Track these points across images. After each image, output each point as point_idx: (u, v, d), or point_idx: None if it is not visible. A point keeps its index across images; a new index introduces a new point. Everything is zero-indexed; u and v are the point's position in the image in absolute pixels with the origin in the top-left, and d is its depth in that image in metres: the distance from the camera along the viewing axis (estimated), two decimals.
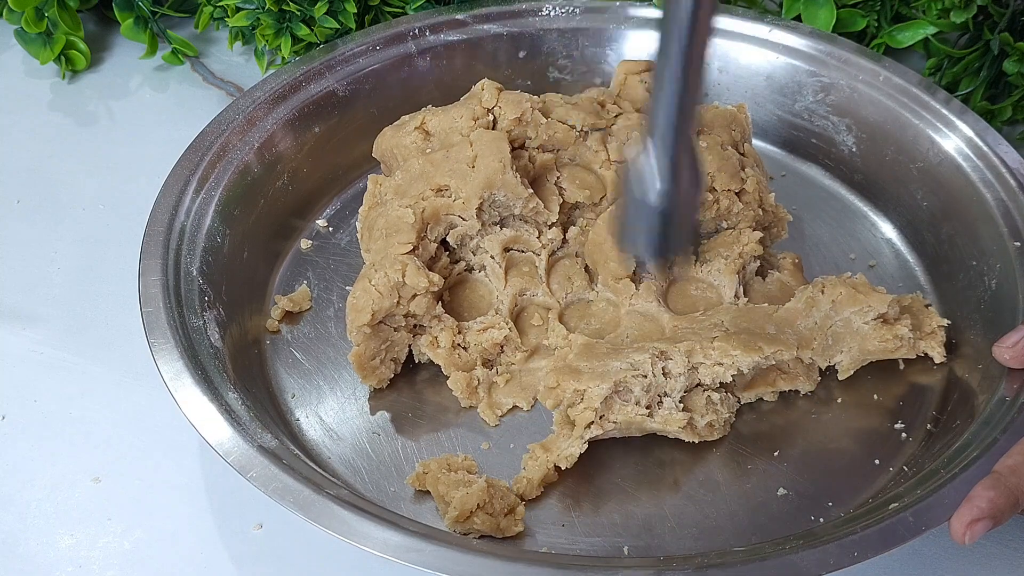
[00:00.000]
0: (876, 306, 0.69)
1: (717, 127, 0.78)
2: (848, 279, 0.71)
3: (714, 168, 0.74)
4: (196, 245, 0.72)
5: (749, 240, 0.74)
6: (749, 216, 0.75)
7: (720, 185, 0.74)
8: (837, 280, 0.70)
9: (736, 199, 0.74)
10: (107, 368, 0.75)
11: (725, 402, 0.69)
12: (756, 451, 0.69)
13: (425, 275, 0.69)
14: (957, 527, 0.58)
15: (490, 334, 0.71)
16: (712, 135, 0.77)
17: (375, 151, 0.79)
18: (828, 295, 0.70)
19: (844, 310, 0.69)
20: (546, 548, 0.63)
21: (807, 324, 0.70)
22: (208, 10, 0.95)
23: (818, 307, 0.70)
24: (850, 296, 0.69)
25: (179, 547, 0.65)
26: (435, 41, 0.87)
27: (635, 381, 0.65)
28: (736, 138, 0.78)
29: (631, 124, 0.77)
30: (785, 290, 0.74)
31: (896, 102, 0.82)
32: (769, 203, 0.76)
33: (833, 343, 0.70)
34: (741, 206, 0.75)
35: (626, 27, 0.88)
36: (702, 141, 0.76)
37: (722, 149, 0.76)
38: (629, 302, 0.73)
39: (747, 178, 0.75)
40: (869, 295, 0.70)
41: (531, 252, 0.75)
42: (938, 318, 0.71)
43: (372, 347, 0.69)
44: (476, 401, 0.71)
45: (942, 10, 0.88)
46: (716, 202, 0.74)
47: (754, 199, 0.75)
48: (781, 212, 0.77)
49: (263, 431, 0.63)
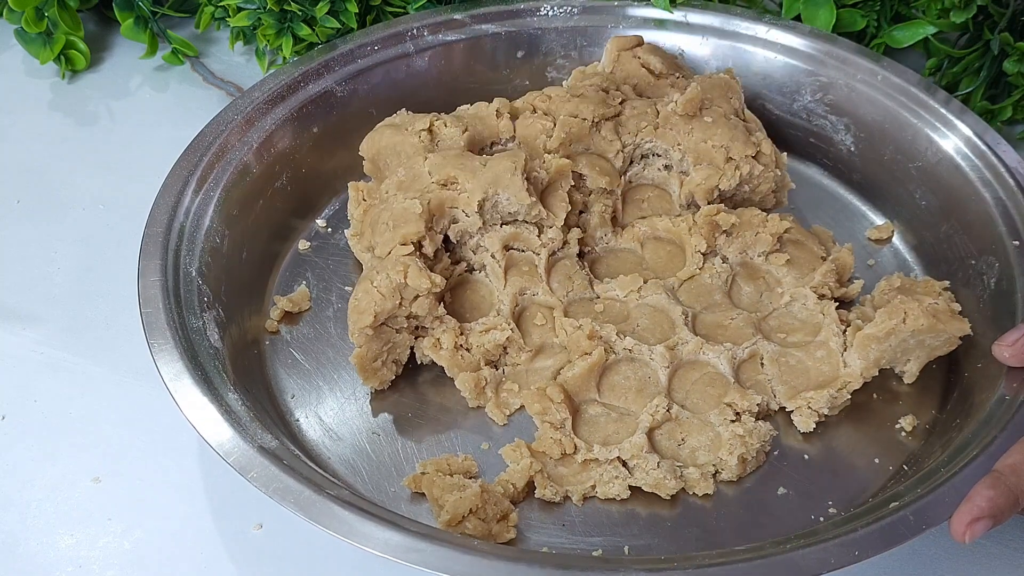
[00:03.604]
0: (955, 333, 0.69)
1: (716, 98, 0.79)
2: (930, 306, 0.68)
3: (727, 139, 0.76)
4: (195, 246, 0.72)
5: (775, 224, 0.75)
6: (769, 177, 0.77)
7: (737, 153, 0.76)
8: (920, 310, 0.68)
9: (755, 162, 0.76)
10: (107, 368, 0.75)
11: (756, 432, 0.68)
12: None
13: (427, 276, 0.69)
14: (957, 526, 0.58)
15: (492, 335, 0.71)
16: (714, 107, 0.78)
17: (366, 149, 0.78)
18: (910, 325, 0.68)
19: (923, 335, 0.69)
20: (546, 548, 0.64)
21: (881, 348, 0.69)
22: (209, 10, 0.95)
23: (896, 334, 0.68)
24: (931, 326, 0.68)
25: (179, 547, 0.65)
26: (433, 41, 0.87)
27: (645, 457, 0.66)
28: (736, 106, 0.80)
29: (638, 112, 0.79)
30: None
31: (895, 102, 0.82)
32: (783, 162, 0.78)
33: (901, 355, 0.70)
34: (761, 168, 0.76)
35: (624, 27, 0.88)
36: (707, 116, 0.77)
37: (727, 119, 0.78)
38: (639, 295, 0.73)
39: (759, 142, 0.77)
40: (949, 324, 0.68)
41: (531, 251, 0.75)
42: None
43: (374, 349, 0.69)
44: (484, 401, 0.71)
45: (942, 10, 0.88)
46: (737, 168, 0.76)
47: (771, 160, 0.77)
48: (786, 179, 0.79)
49: (263, 431, 0.63)
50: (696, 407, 0.69)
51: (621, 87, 0.81)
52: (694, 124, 0.78)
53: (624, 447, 0.66)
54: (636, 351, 0.71)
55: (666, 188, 0.80)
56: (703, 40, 0.88)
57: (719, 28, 0.87)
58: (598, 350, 0.69)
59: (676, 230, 0.76)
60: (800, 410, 0.69)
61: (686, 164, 0.79)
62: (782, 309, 0.74)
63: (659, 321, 0.73)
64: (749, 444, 0.66)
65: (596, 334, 0.70)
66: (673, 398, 0.69)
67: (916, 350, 0.70)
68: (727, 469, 0.66)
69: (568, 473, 0.67)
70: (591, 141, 0.78)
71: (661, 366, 0.70)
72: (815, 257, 0.76)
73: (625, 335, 0.71)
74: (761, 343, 0.71)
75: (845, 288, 0.75)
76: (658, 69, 0.83)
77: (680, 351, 0.71)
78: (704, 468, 0.66)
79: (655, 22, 0.88)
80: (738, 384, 0.70)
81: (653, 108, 0.79)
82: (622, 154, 0.79)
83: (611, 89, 0.80)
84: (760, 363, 0.71)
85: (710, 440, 0.67)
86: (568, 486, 0.66)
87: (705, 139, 0.77)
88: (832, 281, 0.74)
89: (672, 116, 0.79)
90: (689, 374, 0.71)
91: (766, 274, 0.76)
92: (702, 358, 0.71)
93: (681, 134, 0.78)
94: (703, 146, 0.77)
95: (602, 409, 0.69)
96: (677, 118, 0.78)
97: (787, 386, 0.70)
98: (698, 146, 0.77)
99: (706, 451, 0.67)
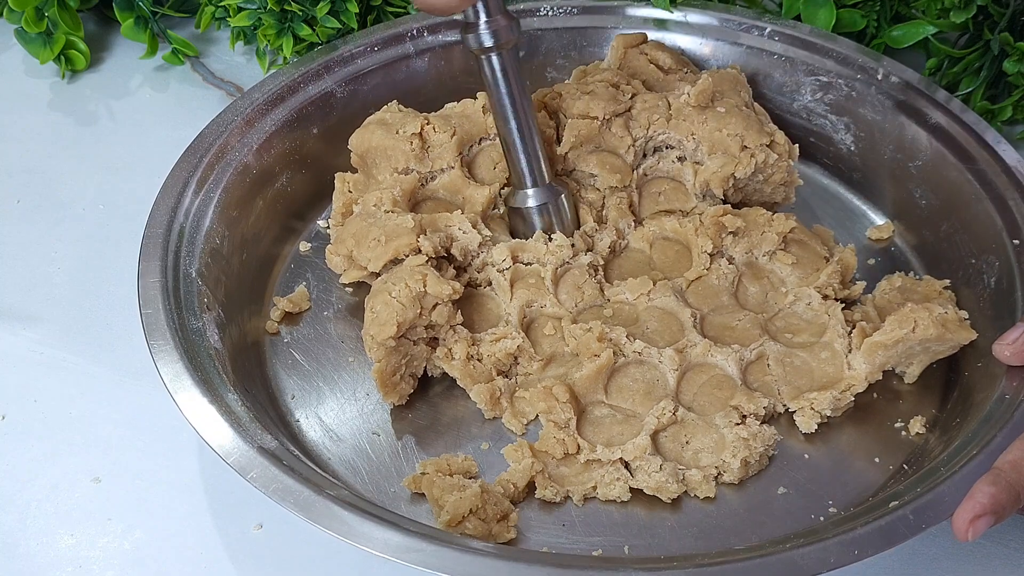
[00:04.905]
0: (962, 341, 0.69)
1: (727, 90, 0.80)
2: (941, 316, 0.68)
3: (742, 127, 0.77)
4: (195, 246, 0.72)
5: (780, 223, 0.75)
6: (783, 167, 0.77)
7: (752, 142, 0.76)
8: (930, 320, 0.67)
9: (769, 151, 0.77)
10: (107, 368, 0.75)
11: (760, 435, 0.68)
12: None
13: (447, 283, 0.68)
14: (959, 524, 0.58)
15: (503, 344, 0.71)
16: (726, 99, 0.79)
17: (356, 144, 0.78)
18: (919, 334, 0.68)
19: (930, 343, 0.69)
20: (546, 548, 0.63)
21: (887, 354, 0.69)
22: (210, 10, 0.95)
23: (905, 342, 0.68)
24: (940, 336, 0.68)
25: (179, 547, 0.65)
26: (433, 42, 0.87)
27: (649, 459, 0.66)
28: (745, 99, 0.80)
29: (649, 105, 0.79)
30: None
31: (895, 101, 0.82)
32: (795, 154, 0.78)
33: (906, 359, 0.70)
34: (776, 156, 0.77)
35: (624, 27, 0.88)
36: (719, 107, 0.77)
37: (739, 109, 0.78)
38: (648, 297, 0.73)
39: (773, 132, 0.78)
40: (957, 333, 0.68)
41: (537, 264, 0.75)
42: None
43: (393, 362, 0.68)
44: (500, 412, 0.70)
45: (942, 10, 0.88)
46: (752, 156, 0.76)
47: (784, 149, 0.77)
48: (795, 174, 0.79)
49: (263, 432, 0.63)
50: (703, 409, 0.69)
51: (631, 82, 0.81)
52: (708, 114, 0.78)
53: (627, 448, 0.66)
54: (646, 354, 0.70)
55: (681, 180, 0.80)
56: (703, 40, 0.88)
57: (719, 28, 0.87)
58: (607, 352, 0.69)
59: (683, 231, 0.76)
60: (803, 411, 0.69)
61: (700, 154, 0.78)
62: (787, 309, 0.74)
63: (668, 323, 0.73)
64: (753, 447, 0.66)
65: (606, 336, 0.70)
66: (680, 400, 0.69)
67: (921, 355, 0.70)
68: (729, 472, 0.66)
69: (570, 473, 0.67)
70: (601, 139, 0.78)
71: (670, 369, 0.70)
72: (819, 257, 0.76)
73: (635, 338, 0.71)
74: (768, 344, 0.71)
75: (848, 289, 0.75)
76: (667, 65, 0.83)
77: (689, 354, 0.70)
78: (707, 470, 0.66)
79: (655, 22, 0.88)
80: (745, 386, 0.70)
81: (665, 101, 0.79)
82: (633, 148, 0.79)
83: (621, 84, 0.80)
84: (767, 364, 0.71)
85: (714, 442, 0.67)
86: (569, 486, 0.66)
87: (720, 128, 0.77)
88: (836, 282, 0.74)
89: (685, 107, 0.78)
90: (697, 376, 0.70)
91: (770, 274, 0.76)
92: (710, 360, 0.71)
93: (695, 124, 0.78)
94: (718, 135, 0.77)
95: (608, 410, 0.69)
96: (690, 109, 0.78)
97: (791, 386, 0.70)
98: (712, 135, 0.77)
99: (709, 453, 0.67)
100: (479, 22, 0.68)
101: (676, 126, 0.78)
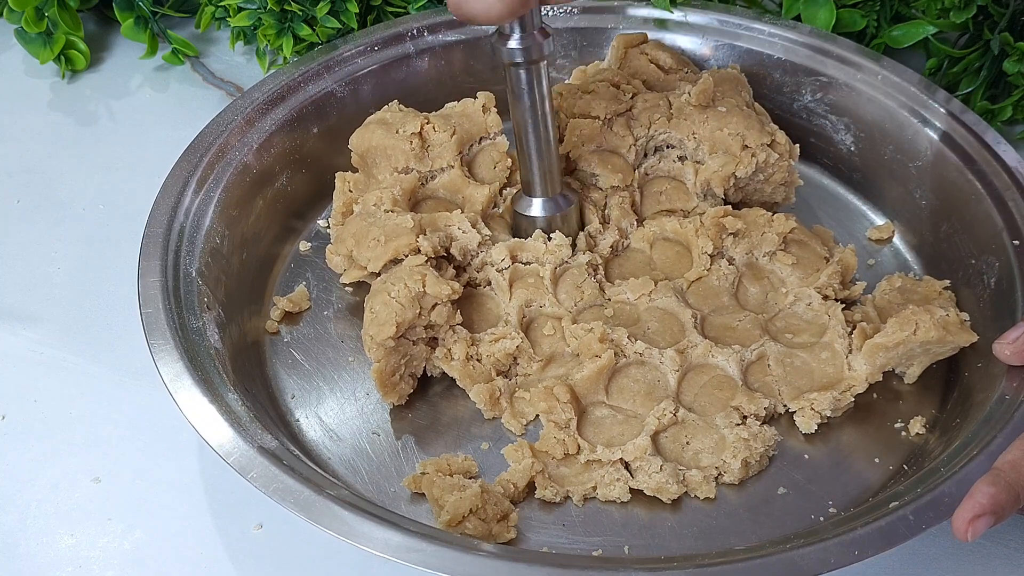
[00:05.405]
0: (963, 343, 0.69)
1: (728, 90, 0.80)
2: (942, 318, 0.68)
3: (743, 127, 0.77)
4: (195, 246, 0.72)
5: (781, 223, 0.75)
6: (784, 167, 0.77)
7: (753, 141, 0.76)
8: (932, 323, 0.67)
9: (770, 150, 0.77)
10: (107, 368, 0.75)
11: (760, 436, 0.68)
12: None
13: (446, 283, 0.68)
14: (959, 524, 0.57)
15: (502, 344, 0.71)
16: (727, 99, 0.79)
17: (356, 143, 0.78)
18: (920, 336, 0.68)
19: (931, 345, 0.69)
20: (546, 548, 0.63)
21: (888, 356, 0.69)
22: (210, 10, 0.95)
23: (906, 344, 0.68)
24: (941, 338, 0.68)
25: (179, 547, 0.65)
26: (433, 41, 0.87)
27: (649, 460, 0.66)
28: (746, 99, 0.80)
29: (651, 104, 0.79)
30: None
31: (895, 101, 0.82)
32: (795, 154, 0.78)
33: (906, 360, 0.71)
34: (776, 156, 0.77)
35: (624, 27, 0.88)
36: (720, 106, 0.78)
37: (740, 109, 0.78)
38: (649, 297, 0.73)
39: (774, 131, 0.78)
40: (958, 335, 0.68)
41: (536, 263, 0.75)
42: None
43: (392, 362, 0.68)
44: (499, 412, 0.70)
45: (942, 10, 0.88)
46: (753, 155, 0.76)
47: (785, 149, 0.77)
48: (795, 174, 0.79)
49: (263, 432, 0.63)
50: (704, 410, 0.69)
51: (632, 81, 0.81)
52: (709, 113, 0.78)
53: (627, 448, 0.66)
54: (647, 355, 0.70)
55: (682, 179, 0.80)
56: (703, 40, 0.88)
57: (719, 28, 0.87)
58: (608, 353, 0.69)
59: (683, 231, 0.76)
60: (803, 411, 0.69)
61: (701, 153, 0.78)
62: (787, 310, 0.74)
63: (669, 324, 0.73)
64: (753, 448, 0.66)
65: (607, 337, 0.70)
66: (681, 401, 0.69)
67: (921, 356, 0.70)
68: (729, 472, 0.66)
69: (570, 473, 0.67)
70: (603, 139, 0.78)
71: (671, 370, 0.70)
72: (819, 257, 0.76)
73: (636, 339, 0.71)
74: (768, 344, 0.71)
75: (848, 290, 0.75)
76: (667, 65, 0.83)
77: (690, 354, 0.70)
78: (707, 471, 0.66)
79: (655, 22, 0.88)
80: (746, 387, 0.70)
81: (666, 100, 0.79)
82: (635, 148, 0.79)
83: (622, 84, 0.80)
84: (767, 364, 0.71)
85: (714, 443, 0.67)
86: (569, 487, 0.66)
87: (721, 127, 0.77)
88: (836, 283, 0.74)
89: (686, 107, 0.78)
90: (698, 377, 0.70)
91: (770, 274, 0.76)
92: (711, 361, 0.71)
93: (696, 123, 0.78)
94: (719, 134, 0.77)
95: (609, 411, 0.69)
96: (691, 108, 0.78)
97: (791, 387, 0.70)
98: (714, 134, 0.77)
99: (710, 453, 0.67)
100: (512, 36, 0.66)
101: (677, 125, 0.78)
